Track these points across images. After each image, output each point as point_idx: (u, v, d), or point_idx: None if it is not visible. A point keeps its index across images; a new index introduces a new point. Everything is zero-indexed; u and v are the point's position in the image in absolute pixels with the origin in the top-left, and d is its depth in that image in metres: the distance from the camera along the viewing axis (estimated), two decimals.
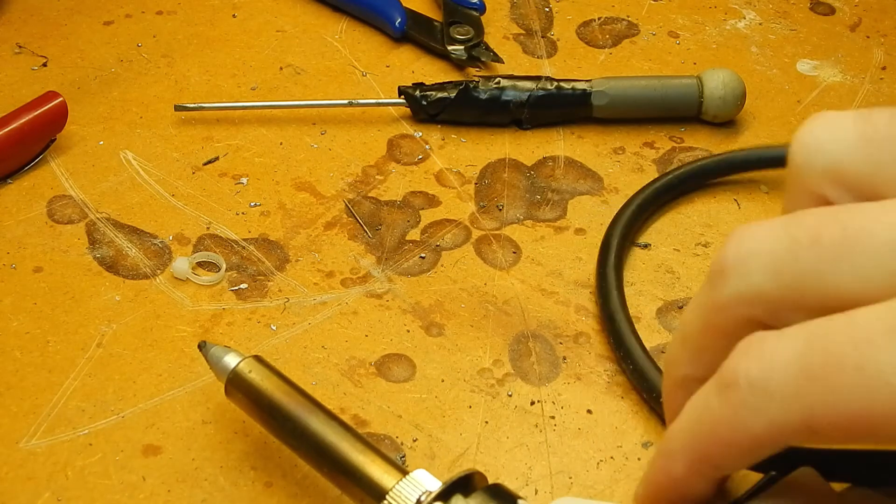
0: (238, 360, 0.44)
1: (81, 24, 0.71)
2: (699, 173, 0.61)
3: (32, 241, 0.57)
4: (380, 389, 0.51)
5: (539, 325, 0.54)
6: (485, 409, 0.51)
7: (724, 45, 0.73)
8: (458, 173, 0.63)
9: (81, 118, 0.64)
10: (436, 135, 0.65)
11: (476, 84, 0.65)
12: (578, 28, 0.74)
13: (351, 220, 0.59)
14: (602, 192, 0.62)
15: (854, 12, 0.76)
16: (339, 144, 0.64)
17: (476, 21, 0.72)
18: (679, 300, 0.56)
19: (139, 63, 0.69)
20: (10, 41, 0.70)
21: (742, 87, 0.65)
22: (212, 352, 0.45)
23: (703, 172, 0.61)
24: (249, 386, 0.43)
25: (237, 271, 0.56)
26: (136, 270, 0.56)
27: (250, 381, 0.43)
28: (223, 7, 0.74)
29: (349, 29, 0.73)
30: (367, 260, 0.57)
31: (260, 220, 0.59)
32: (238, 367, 0.44)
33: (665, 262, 0.58)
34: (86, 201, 0.60)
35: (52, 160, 0.62)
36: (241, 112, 0.65)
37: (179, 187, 0.61)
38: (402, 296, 0.55)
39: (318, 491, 0.46)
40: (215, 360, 0.45)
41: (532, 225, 0.60)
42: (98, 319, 0.53)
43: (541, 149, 0.64)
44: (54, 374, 0.51)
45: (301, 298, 0.55)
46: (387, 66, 0.70)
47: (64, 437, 0.48)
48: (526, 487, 0.47)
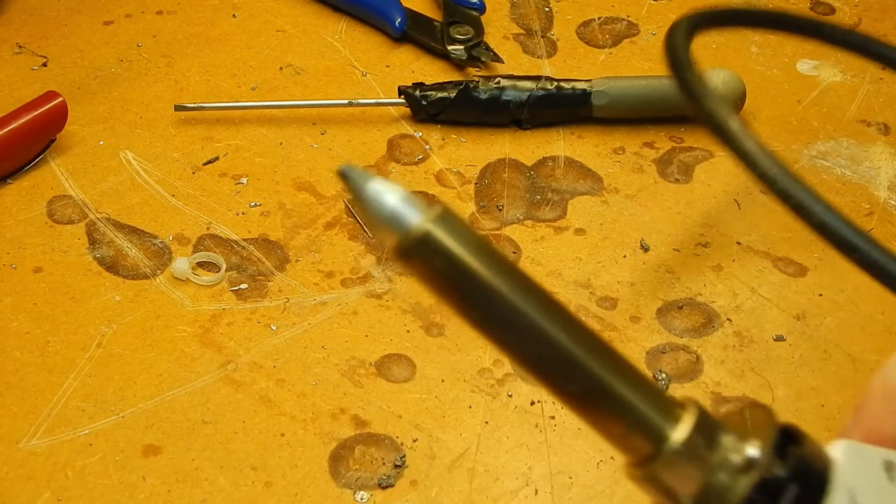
0: (418, 215, 0.27)
1: (81, 24, 0.71)
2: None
3: (32, 241, 0.57)
4: (380, 389, 0.51)
5: None
6: (485, 409, 0.50)
7: (724, 45, 0.73)
8: (458, 173, 0.63)
9: (81, 118, 0.64)
10: (436, 135, 0.65)
11: (476, 84, 0.65)
12: (578, 28, 0.74)
13: (351, 220, 0.59)
14: (602, 192, 0.62)
15: (854, 12, 0.76)
16: (339, 144, 0.64)
17: (476, 21, 0.72)
18: (679, 300, 0.56)
19: (139, 63, 0.69)
20: (10, 41, 0.70)
21: (742, 87, 0.65)
22: (369, 187, 0.27)
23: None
24: (451, 263, 0.27)
25: (237, 271, 0.56)
26: (136, 270, 0.56)
27: (455, 257, 0.27)
28: (223, 7, 0.74)
29: (349, 29, 0.72)
30: (367, 260, 0.57)
31: (260, 220, 0.59)
32: (427, 229, 0.27)
33: (665, 262, 0.58)
34: (86, 201, 0.60)
35: (52, 160, 0.62)
36: (241, 112, 0.65)
37: (179, 187, 0.61)
38: (403, 296, 0.55)
39: (319, 491, 0.46)
40: (374, 202, 0.27)
41: (532, 225, 0.60)
42: (98, 319, 0.53)
43: (541, 149, 0.64)
44: (54, 374, 0.51)
45: (301, 298, 0.55)
46: (387, 66, 0.70)
47: (64, 437, 0.48)
48: (526, 488, 0.47)
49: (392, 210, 0.27)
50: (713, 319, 0.55)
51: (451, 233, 0.27)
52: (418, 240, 0.27)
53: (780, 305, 0.56)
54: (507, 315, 0.28)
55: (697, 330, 0.55)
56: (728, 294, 0.57)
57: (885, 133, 0.67)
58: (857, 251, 0.43)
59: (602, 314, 0.55)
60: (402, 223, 0.27)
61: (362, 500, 0.47)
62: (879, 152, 0.65)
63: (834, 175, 0.64)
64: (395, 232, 0.27)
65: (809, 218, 0.44)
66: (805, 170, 0.64)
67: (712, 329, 0.55)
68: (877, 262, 0.43)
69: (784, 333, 0.55)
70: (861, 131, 0.67)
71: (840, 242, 0.44)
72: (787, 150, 0.65)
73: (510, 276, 0.28)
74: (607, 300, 0.56)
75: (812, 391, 0.52)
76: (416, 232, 0.27)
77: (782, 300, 0.56)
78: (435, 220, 0.27)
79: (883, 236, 0.60)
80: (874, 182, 0.63)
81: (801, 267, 0.58)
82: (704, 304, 0.56)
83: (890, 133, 0.67)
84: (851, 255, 0.43)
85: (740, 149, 0.46)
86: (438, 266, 0.27)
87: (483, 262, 0.27)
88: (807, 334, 0.55)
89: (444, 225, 0.27)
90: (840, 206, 0.62)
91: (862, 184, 0.63)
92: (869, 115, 0.68)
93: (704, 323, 0.55)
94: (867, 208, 0.62)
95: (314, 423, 0.50)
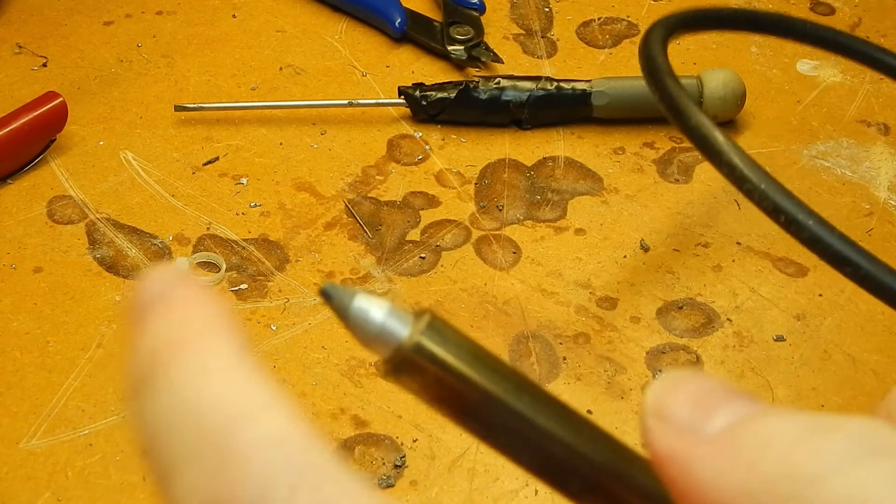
0: (406, 328, 0.26)
1: (81, 24, 0.71)
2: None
3: (32, 242, 0.57)
4: (380, 389, 0.51)
5: (539, 326, 0.54)
6: None
7: (724, 45, 0.73)
8: (458, 173, 0.63)
9: (81, 118, 0.64)
10: (436, 135, 0.65)
11: (476, 84, 0.65)
12: (578, 28, 0.74)
13: (351, 220, 0.59)
14: (602, 192, 0.62)
15: (854, 12, 0.76)
16: (339, 144, 0.64)
17: (476, 21, 0.72)
18: (679, 300, 0.56)
19: (139, 63, 0.69)
20: (10, 41, 0.70)
21: (742, 87, 0.65)
22: (354, 305, 0.26)
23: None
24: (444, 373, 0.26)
25: (237, 271, 0.56)
26: (136, 271, 0.56)
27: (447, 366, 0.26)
28: (223, 7, 0.74)
29: (349, 29, 0.73)
30: (368, 260, 0.57)
31: (260, 221, 0.59)
32: (417, 341, 0.26)
33: (665, 262, 0.58)
34: (86, 201, 0.60)
35: (52, 160, 0.62)
36: (241, 112, 0.65)
37: (179, 187, 0.61)
38: (403, 296, 0.55)
39: None
40: (360, 320, 0.26)
41: (532, 225, 0.60)
42: (98, 319, 0.53)
43: (541, 149, 0.64)
44: (54, 374, 0.51)
45: (301, 299, 0.55)
46: (387, 66, 0.70)
47: (64, 437, 0.48)
48: (526, 488, 0.47)
49: (380, 326, 0.26)
50: (713, 319, 0.55)
51: (443, 342, 0.26)
52: (410, 354, 0.26)
53: (780, 305, 0.56)
54: (510, 423, 0.26)
55: (697, 330, 0.55)
56: (728, 294, 0.57)
57: (885, 133, 0.67)
58: (849, 265, 0.43)
59: (602, 314, 0.55)
60: (391, 339, 0.26)
61: None
62: (879, 152, 0.65)
63: (834, 175, 0.64)
64: (386, 348, 0.26)
65: (800, 233, 0.43)
66: (805, 170, 0.64)
67: (712, 329, 0.55)
68: (871, 276, 0.43)
69: (784, 333, 0.55)
70: (861, 131, 0.67)
71: (833, 257, 0.43)
72: (787, 150, 0.65)
73: (510, 382, 0.26)
74: (607, 300, 0.56)
75: (812, 391, 0.52)
76: (408, 346, 0.25)
77: (782, 300, 0.56)
78: (425, 330, 0.26)
79: (883, 236, 0.60)
80: (874, 182, 0.63)
81: (801, 267, 0.58)
82: (704, 304, 0.56)
83: (890, 133, 0.67)
84: (843, 270, 0.43)
85: (728, 163, 0.45)
86: (434, 378, 0.26)
87: (480, 370, 0.26)
88: (807, 334, 0.55)
89: (435, 335, 0.26)
90: (840, 207, 0.62)
91: (862, 184, 0.63)
92: (869, 116, 0.68)
93: (704, 323, 0.55)
94: (867, 208, 0.62)
95: (314, 423, 0.49)
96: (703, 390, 0.24)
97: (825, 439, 0.21)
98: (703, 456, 0.23)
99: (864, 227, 0.61)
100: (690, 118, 0.47)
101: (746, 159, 0.44)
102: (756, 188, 0.44)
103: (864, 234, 0.60)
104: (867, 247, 0.59)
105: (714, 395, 0.24)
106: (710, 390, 0.24)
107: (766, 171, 0.44)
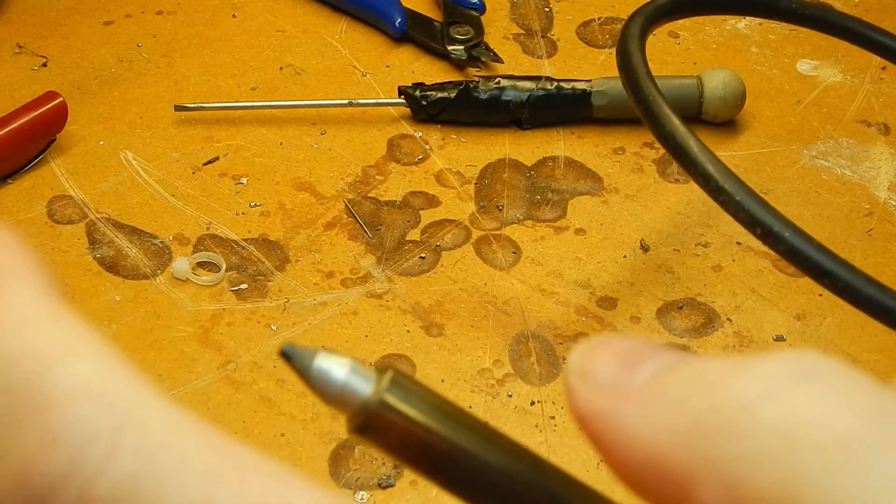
0: (370, 384, 0.26)
1: (81, 24, 0.71)
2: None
3: (32, 241, 0.57)
4: None
5: (539, 326, 0.54)
6: (485, 409, 0.50)
7: (724, 45, 0.73)
8: (458, 173, 0.63)
9: (81, 118, 0.64)
10: (436, 135, 0.65)
11: (476, 84, 0.65)
12: (578, 28, 0.74)
13: (351, 220, 0.59)
14: (602, 192, 0.62)
15: (854, 12, 0.76)
16: (339, 144, 0.64)
17: (476, 21, 0.72)
18: (679, 300, 0.56)
19: (139, 63, 0.69)
20: (10, 41, 0.70)
21: (742, 87, 0.65)
22: (314, 365, 0.27)
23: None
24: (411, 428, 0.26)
25: (237, 271, 0.56)
26: (136, 271, 0.56)
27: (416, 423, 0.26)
28: (223, 7, 0.74)
29: (349, 29, 0.73)
30: (367, 260, 0.57)
31: (260, 221, 0.59)
32: (381, 398, 0.26)
33: (665, 262, 0.58)
34: (86, 201, 0.60)
35: (52, 160, 0.62)
36: (241, 112, 0.65)
37: (179, 187, 0.61)
38: (402, 296, 0.55)
39: None
40: (321, 380, 0.27)
41: (532, 225, 0.60)
42: (98, 319, 0.53)
43: (541, 149, 0.64)
44: None
45: (301, 299, 0.55)
46: (387, 66, 0.70)
47: None
48: None
49: (342, 385, 0.26)
50: (713, 319, 0.55)
51: (407, 398, 0.26)
52: (375, 411, 0.25)
53: (780, 305, 0.56)
54: (481, 475, 0.26)
55: (697, 330, 0.55)
56: (728, 294, 0.57)
57: (885, 133, 0.67)
58: (828, 276, 0.42)
59: (602, 314, 0.55)
60: (354, 397, 0.25)
61: (362, 500, 0.47)
62: (879, 152, 0.65)
63: (834, 175, 0.64)
64: (349, 407, 0.26)
65: (777, 246, 0.42)
66: (805, 170, 0.64)
67: (712, 329, 0.55)
68: (850, 287, 0.42)
69: (784, 333, 0.55)
70: (861, 131, 0.67)
71: (811, 269, 0.42)
72: (787, 150, 0.65)
73: (478, 435, 0.26)
74: (607, 300, 0.56)
75: None
76: (371, 404, 0.25)
77: (782, 300, 0.56)
78: (388, 387, 0.25)
79: (883, 236, 0.60)
80: (874, 182, 0.63)
81: None
82: (704, 304, 0.56)
83: (890, 133, 0.67)
84: (822, 281, 0.42)
85: (703, 173, 0.44)
86: (401, 434, 0.26)
87: (447, 423, 0.26)
88: (807, 334, 0.55)
89: (398, 391, 0.25)
90: (840, 207, 0.62)
91: (862, 184, 0.63)
92: (869, 115, 0.68)
93: (704, 323, 0.55)
94: (867, 208, 0.62)
95: (314, 423, 0.50)
96: (628, 348, 0.23)
97: (753, 369, 0.20)
98: (629, 407, 0.22)
99: (864, 227, 0.61)
100: (665, 125, 0.46)
101: (722, 169, 0.44)
102: (731, 199, 0.43)
103: (864, 234, 0.60)
104: (867, 247, 0.60)
105: (640, 352, 0.23)
106: (636, 348, 0.23)
107: (743, 182, 0.43)
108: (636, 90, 0.48)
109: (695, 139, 0.45)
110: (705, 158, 0.44)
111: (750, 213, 0.43)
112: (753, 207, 0.42)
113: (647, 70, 0.48)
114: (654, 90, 0.47)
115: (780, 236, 0.42)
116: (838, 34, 0.59)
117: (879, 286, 0.42)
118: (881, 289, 0.42)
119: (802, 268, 0.42)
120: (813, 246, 0.42)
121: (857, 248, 0.59)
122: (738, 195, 0.43)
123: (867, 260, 0.59)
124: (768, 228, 0.42)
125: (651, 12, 0.52)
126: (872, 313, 0.42)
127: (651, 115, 0.46)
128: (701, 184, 0.44)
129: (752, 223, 0.42)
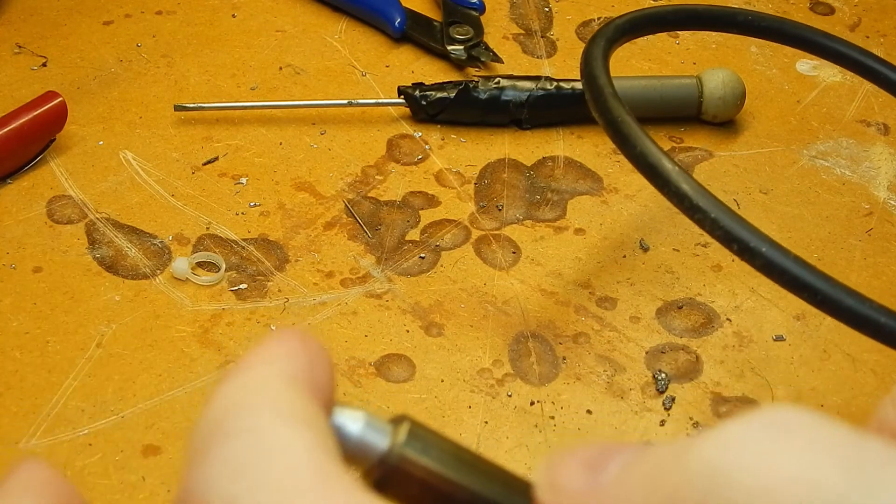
0: (386, 438, 0.26)
1: (81, 24, 0.71)
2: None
3: (32, 241, 0.57)
4: (380, 389, 0.51)
5: (539, 325, 0.54)
6: (484, 409, 0.51)
7: (724, 45, 0.73)
8: (457, 173, 0.63)
9: (81, 118, 0.64)
10: (436, 135, 0.65)
11: (476, 84, 0.65)
12: (578, 28, 0.74)
13: (351, 220, 0.59)
14: (602, 192, 0.62)
15: (854, 12, 0.76)
16: (338, 144, 0.64)
17: (476, 21, 0.72)
18: (679, 300, 0.56)
19: (139, 63, 0.69)
20: (10, 41, 0.70)
21: (742, 87, 0.65)
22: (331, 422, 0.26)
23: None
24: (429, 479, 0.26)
25: (237, 271, 0.56)
26: (136, 270, 0.56)
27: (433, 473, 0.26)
28: (223, 7, 0.74)
29: (349, 29, 0.73)
30: (367, 260, 0.57)
31: (260, 220, 0.59)
32: (401, 453, 0.26)
33: (665, 262, 0.58)
34: (85, 201, 0.60)
35: (51, 160, 0.62)
36: (240, 112, 0.65)
37: (179, 187, 0.61)
38: (402, 296, 0.55)
39: None
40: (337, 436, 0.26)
41: (532, 225, 0.60)
42: (98, 319, 0.53)
43: (540, 149, 0.64)
44: (54, 374, 0.51)
45: (301, 298, 0.55)
46: (387, 66, 0.70)
47: (64, 437, 0.48)
48: None
49: (357, 440, 0.25)
50: (713, 319, 0.55)
51: (426, 449, 0.26)
52: (396, 465, 0.25)
53: (780, 305, 0.56)
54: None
55: (697, 330, 0.55)
56: (728, 294, 0.57)
57: (885, 133, 0.67)
58: (806, 290, 0.42)
59: (602, 314, 0.55)
60: (371, 452, 0.25)
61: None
62: (879, 152, 0.65)
63: (834, 175, 0.64)
64: (367, 461, 0.25)
65: (754, 261, 0.42)
66: (805, 170, 0.64)
67: (712, 329, 0.55)
68: (829, 299, 0.42)
69: (784, 333, 0.55)
70: (861, 131, 0.67)
71: (789, 283, 0.42)
72: (787, 150, 0.65)
73: (496, 481, 0.26)
74: (607, 300, 0.56)
75: (812, 391, 0.52)
76: (391, 458, 0.25)
77: (782, 300, 0.56)
78: (406, 440, 0.25)
79: (883, 236, 0.60)
80: (874, 182, 0.63)
81: None
82: (704, 304, 0.56)
83: (890, 133, 0.67)
84: (801, 295, 0.42)
85: (677, 192, 0.44)
86: (421, 486, 0.26)
87: (466, 472, 0.26)
88: (807, 334, 0.55)
89: (416, 442, 0.26)
90: (840, 207, 0.62)
91: (862, 184, 0.63)
92: (869, 115, 0.68)
93: (704, 323, 0.55)
94: (867, 208, 0.62)
95: None
96: (591, 453, 0.23)
97: (723, 433, 0.20)
98: (606, 502, 0.22)
99: (863, 227, 0.61)
100: (636, 145, 0.46)
101: (696, 187, 0.43)
102: (707, 217, 0.43)
103: (864, 233, 0.60)
104: (867, 247, 0.60)
105: (603, 453, 0.23)
106: (599, 450, 0.23)
107: (717, 199, 0.43)
108: (604, 112, 0.48)
109: (667, 158, 0.45)
110: (679, 177, 0.44)
111: (725, 229, 0.42)
112: (729, 224, 0.42)
113: (614, 91, 0.48)
114: (622, 111, 0.47)
115: (757, 251, 0.42)
116: (795, 44, 0.59)
117: (858, 297, 0.42)
118: (860, 300, 0.42)
119: (781, 282, 0.42)
120: (790, 259, 0.42)
121: (856, 248, 0.59)
122: (714, 212, 0.43)
123: (867, 260, 0.59)
124: (744, 244, 0.42)
125: (611, 32, 0.52)
126: (853, 324, 0.42)
127: (621, 136, 0.46)
128: (675, 202, 0.44)
129: (728, 240, 0.42)
